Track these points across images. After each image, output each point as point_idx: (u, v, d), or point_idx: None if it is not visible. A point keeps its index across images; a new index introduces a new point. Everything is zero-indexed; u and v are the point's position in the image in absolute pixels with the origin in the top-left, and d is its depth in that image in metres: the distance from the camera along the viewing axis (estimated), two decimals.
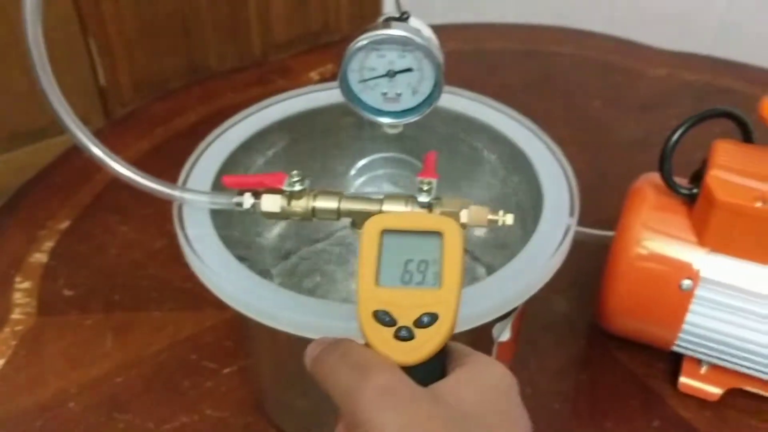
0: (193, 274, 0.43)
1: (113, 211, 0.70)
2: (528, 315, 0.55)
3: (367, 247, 0.32)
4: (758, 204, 0.45)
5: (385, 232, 0.32)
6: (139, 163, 0.77)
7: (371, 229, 0.32)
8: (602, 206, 0.57)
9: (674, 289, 0.48)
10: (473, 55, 0.97)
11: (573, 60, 0.96)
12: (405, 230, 0.32)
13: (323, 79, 0.91)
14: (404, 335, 0.30)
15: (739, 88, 0.90)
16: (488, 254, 0.54)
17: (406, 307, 0.31)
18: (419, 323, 0.30)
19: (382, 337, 0.30)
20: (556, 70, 0.94)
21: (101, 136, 0.44)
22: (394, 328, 0.30)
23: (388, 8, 1.89)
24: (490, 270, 0.54)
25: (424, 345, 0.30)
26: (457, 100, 0.53)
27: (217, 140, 0.50)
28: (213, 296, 0.42)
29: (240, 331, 0.57)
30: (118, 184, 0.44)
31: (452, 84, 0.55)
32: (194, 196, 0.44)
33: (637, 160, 0.66)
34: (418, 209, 0.41)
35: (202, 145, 0.50)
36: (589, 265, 0.56)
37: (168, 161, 0.51)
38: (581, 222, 0.58)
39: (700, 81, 0.91)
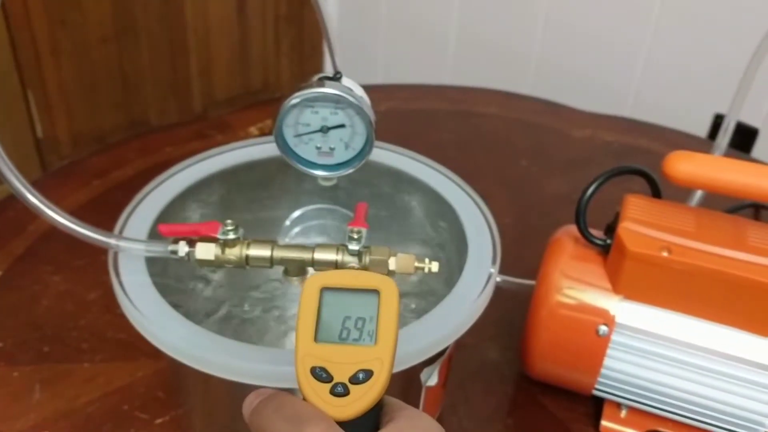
0: (126, 324, 0.43)
1: (46, 262, 0.70)
2: (459, 362, 0.57)
3: (306, 304, 0.33)
4: (664, 253, 0.48)
5: (325, 289, 0.34)
6: (76, 215, 0.78)
7: (311, 286, 0.34)
8: (530, 258, 0.60)
9: (592, 335, 0.51)
10: (408, 114, 1.01)
11: (501, 120, 1.01)
12: (343, 288, 0.34)
13: (262, 134, 0.93)
14: (340, 391, 0.31)
15: (656, 148, 0.96)
16: (419, 300, 0.57)
17: (343, 363, 0.32)
18: (354, 380, 0.31)
19: (318, 393, 0.31)
20: (485, 130, 0.99)
21: (38, 187, 0.45)
22: (330, 384, 0.31)
23: (329, 68, 1.94)
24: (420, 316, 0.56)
25: (359, 401, 0.31)
26: (388, 155, 0.56)
27: (154, 191, 0.51)
28: (146, 346, 0.43)
29: (173, 381, 0.57)
30: (51, 235, 0.45)
31: (387, 141, 0.58)
32: (130, 244, 0.45)
33: (562, 213, 0.70)
34: (348, 257, 0.43)
35: (139, 195, 0.51)
36: (518, 315, 0.59)
37: (105, 214, 0.52)
38: (511, 273, 0.62)
39: (619, 141, 0.97)
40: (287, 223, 0.54)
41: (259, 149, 0.56)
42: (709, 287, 0.49)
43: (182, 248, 0.43)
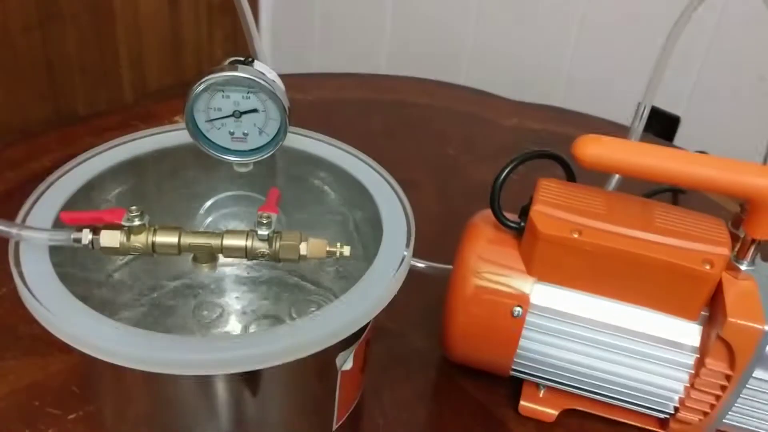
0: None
1: None
2: (382, 349, 0.58)
3: None
4: (575, 235, 0.49)
5: None
6: None
7: None
8: (455, 242, 0.60)
9: (507, 317, 0.52)
10: (338, 103, 1.01)
11: (431, 110, 1.01)
12: None
13: None
14: None
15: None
16: (336, 285, 0.56)
17: None
18: None
19: None
20: (415, 119, 0.99)
21: None
22: None
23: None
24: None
25: None
26: (304, 141, 0.56)
27: (61, 179, 0.50)
28: (60, 340, 0.41)
29: (86, 375, 0.56)
30: None
31: (316, 130, 0.57)
32: (32, 233, 0.43)
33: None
34: (258, 243, 0.42)
35: (43, 184, 0.50)
36: (443, 301, 0.59)
37: (18, 205, 0.50)
38: (438, 260, 0.62)
39: (546, 130, 0.99)
40: (201, 211, 0.53)
41: (172, 136, 0.55)
42: (618, 267, 0.50)
43: (86, 236, 0.42)
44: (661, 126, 1.16)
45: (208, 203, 0.53)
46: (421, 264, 0.62)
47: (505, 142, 0.96)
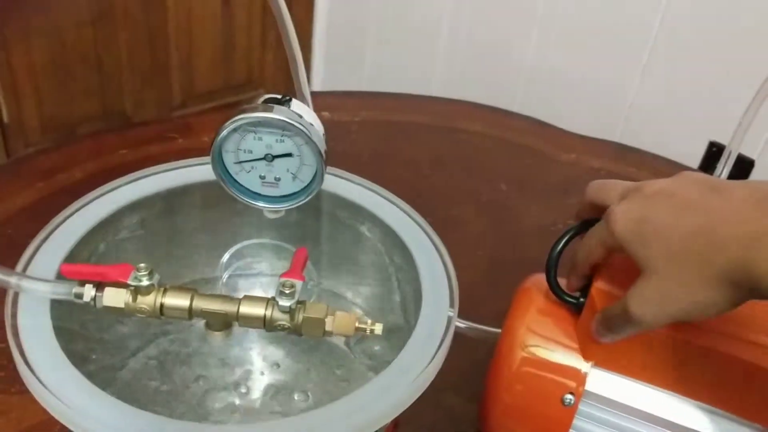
0: None
1: None
2: (412, 413, 0.52)
3: None
4: None
5: None
6: (13, 221, 0.71)
7: None
8: (500, 298, 0.54)
9: (557, 403, 0.46)
10: (386, 126, 0.95)
11: (485, 138, 0.95)
12: None
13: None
14: None
15: (644, 178, 0.90)
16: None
17: None
18: None
19: None
20: (466, 148, 0.93)
21: None
22: None
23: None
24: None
25: None
26: (343, 185, 0.50)
27: (75, 215, 0.45)
28: None
29: None
30: None
31: (361, 153, 0.52)
32: (32, 284, 0.39)
33: (540, 248, 0.65)
34: (278, 314, 0.37)
35: (56, 218, 0.45)
36: (483, 361, 0.53)
37: (44, 220, 0.46)
38: (478, 313, 0.56)
39: (606, 168, 0.92)
40: (225, 258, 0.49)
41: (200, 170, 0.50)
42: (693, 362, 0.43)
43: (88, 292, 0.37)
44: (736, 169, 1.08)
45: (230, 252, 0.48)
46: (461, 324, 0.56)
47: (562, 180, 0.89)
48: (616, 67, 1.26)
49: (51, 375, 0.36)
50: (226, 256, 0.48)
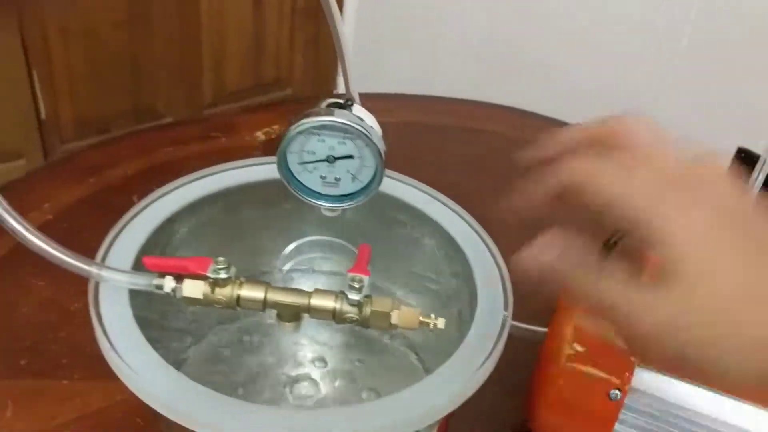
0: None
1: (29, 264, 0.66)
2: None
3: None
4: None
5: None
6: (68, 216, 0.74)
7: None
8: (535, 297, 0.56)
9: (603, 398, 0.48)
10: (413, 128, 0.97)
11: (510, 141, 0.97)
12: None
13: (269, 140, 0.89)
14: None
15: None
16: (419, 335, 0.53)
17: None
18: None
19: None
20: (493, 150, 0.95)
21: (29, 181, 0.41)
22: None
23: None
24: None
25: None
26: (398, 186, 0.53)
27: (143, 212, 0.48)
28: None
29: (152, 408, 0.54)
30: None
31: (390, 156, 0.54)
32: (112, 274, 0.41)
33: None
34: (347, 306, 0.39)
35: (128, 214, 0.48)
36: (524, 359, 0.55)
37: (98, 215, 0.48)
38: (519, 313, 0.58)
39: None
40: (285, 252, 0.51)
41: (260, 169, 0.52)
42: None
43: (168, 283, 0.40)
44: None
45: (291, 247, 0.51)
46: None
47: None
48: (636, 71, 1.28)
49: (134, 358, 0.38)
50: (286, 251, 0.50)
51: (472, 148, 0.94)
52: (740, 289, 0.28)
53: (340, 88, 1.91)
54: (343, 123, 0.44)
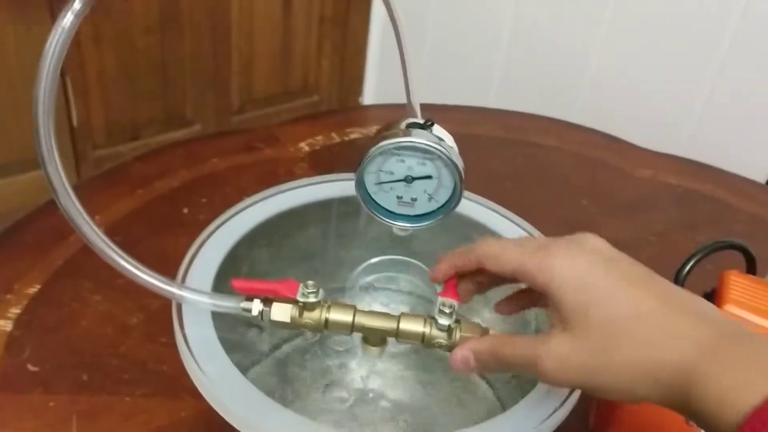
0: (169, 355, 0.40)
1: (87, 277, 0.67)
2: None
3: None
4: None
5: None
6: (120, 229, 0.74)
7: None
8: None
9: (679, 421, 0.47)
10: (462, 139, 0.96)
11: (560, 153, 0.97)
12: None
13: (313, 151, 0.89)
14: None
15: (720, 195, 0.91)
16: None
17: None
18: None
19: None
20: (542, 162, 0.95)
21: (78, 193, 0.40)
22: None
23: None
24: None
25: None
26: (469, 206, 0.52)
27: (218, 231, 0.48)
28: (190, 382, 0.40)
29: (218, 426, 0.54)
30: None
31: None
32: (195, 296, 0.41)
33: None
34: (436, 331, 0.39)
35: (203, 234, 0.48)
36: None
37: (148, 226, 0.48)
38: None
39: (683, 186, 0.92)
40: (358, 270, 0.51)
41: (325, 187, 0.52)
42: None
43: (256, 307, 0.39)
44: None
45: (363, 264, 0.51)
46: None
47: (639, 195, 0.90)
48: (682, 85, 1.27)
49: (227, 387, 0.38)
50: (358, 270, 0.50)
51: (523, 160, 0.94)
52: (625, 309, 0.33)
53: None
54: (423, 144, 0.44)
